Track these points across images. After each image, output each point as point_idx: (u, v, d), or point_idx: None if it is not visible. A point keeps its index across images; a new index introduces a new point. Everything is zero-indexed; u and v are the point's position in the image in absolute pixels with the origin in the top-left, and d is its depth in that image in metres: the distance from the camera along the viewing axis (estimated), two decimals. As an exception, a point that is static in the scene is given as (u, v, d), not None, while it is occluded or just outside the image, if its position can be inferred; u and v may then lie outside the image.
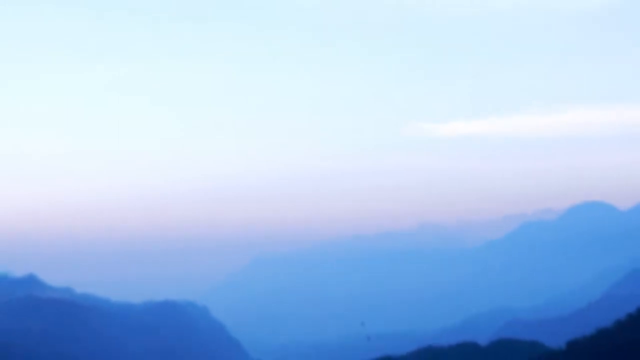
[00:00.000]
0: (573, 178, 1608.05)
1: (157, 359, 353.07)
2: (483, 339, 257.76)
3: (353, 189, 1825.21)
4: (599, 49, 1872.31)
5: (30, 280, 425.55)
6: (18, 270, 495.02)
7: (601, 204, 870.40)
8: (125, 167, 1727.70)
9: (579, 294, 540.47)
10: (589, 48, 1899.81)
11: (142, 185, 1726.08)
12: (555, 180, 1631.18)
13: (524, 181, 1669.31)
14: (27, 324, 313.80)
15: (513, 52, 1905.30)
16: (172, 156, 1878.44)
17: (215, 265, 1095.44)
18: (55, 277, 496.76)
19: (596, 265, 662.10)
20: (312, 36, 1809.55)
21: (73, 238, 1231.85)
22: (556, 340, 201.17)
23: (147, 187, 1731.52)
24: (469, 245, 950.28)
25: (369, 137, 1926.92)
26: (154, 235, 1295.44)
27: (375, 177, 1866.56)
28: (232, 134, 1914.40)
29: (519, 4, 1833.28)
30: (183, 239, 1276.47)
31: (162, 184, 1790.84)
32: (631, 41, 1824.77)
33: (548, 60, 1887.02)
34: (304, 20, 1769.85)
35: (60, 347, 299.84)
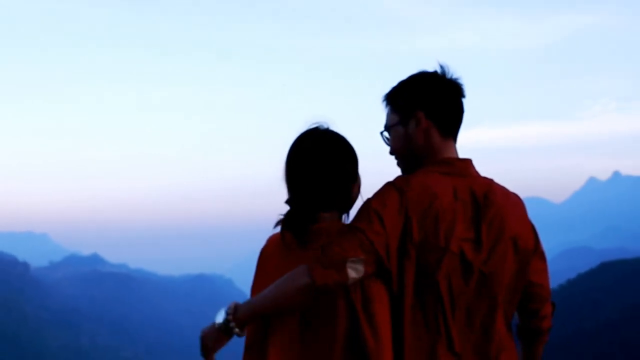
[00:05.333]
0: (516, 178, 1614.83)
1: (192, 319, 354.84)
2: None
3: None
4: (537, 78, 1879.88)
5: (95, 258, 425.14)
6: (85, 250, 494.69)
7: (538, 198, 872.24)
8: (166, 169, 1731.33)
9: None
10: (529, 77, 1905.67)
11: (183, 183, 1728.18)
12: (501, 181, 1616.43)
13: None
14: (91, 293, 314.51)
15: (470, 81, 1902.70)
16: (203, 161, 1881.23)
17: (238, 246, 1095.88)
18: (114, 255, 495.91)
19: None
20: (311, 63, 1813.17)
21: (128, 225, 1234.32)
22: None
23: (186, 184, 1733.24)
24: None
25: (361, 144, 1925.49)
26: (191, 222, 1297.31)
27: (365, 177, 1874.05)
28: (240, 139, 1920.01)
29: (478, 42, 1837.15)
30: (214, 226, 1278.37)
31: (198, 183, 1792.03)
32: (562, 73, 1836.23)
33: (497, 87, 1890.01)
34: (303, 55, 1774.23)
35: (117, 310, 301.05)
